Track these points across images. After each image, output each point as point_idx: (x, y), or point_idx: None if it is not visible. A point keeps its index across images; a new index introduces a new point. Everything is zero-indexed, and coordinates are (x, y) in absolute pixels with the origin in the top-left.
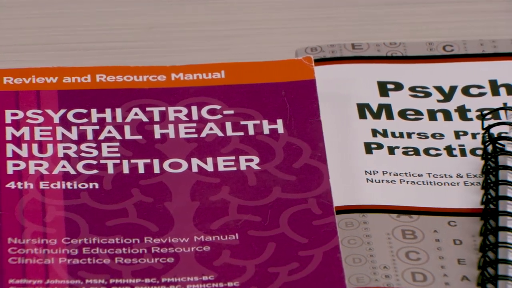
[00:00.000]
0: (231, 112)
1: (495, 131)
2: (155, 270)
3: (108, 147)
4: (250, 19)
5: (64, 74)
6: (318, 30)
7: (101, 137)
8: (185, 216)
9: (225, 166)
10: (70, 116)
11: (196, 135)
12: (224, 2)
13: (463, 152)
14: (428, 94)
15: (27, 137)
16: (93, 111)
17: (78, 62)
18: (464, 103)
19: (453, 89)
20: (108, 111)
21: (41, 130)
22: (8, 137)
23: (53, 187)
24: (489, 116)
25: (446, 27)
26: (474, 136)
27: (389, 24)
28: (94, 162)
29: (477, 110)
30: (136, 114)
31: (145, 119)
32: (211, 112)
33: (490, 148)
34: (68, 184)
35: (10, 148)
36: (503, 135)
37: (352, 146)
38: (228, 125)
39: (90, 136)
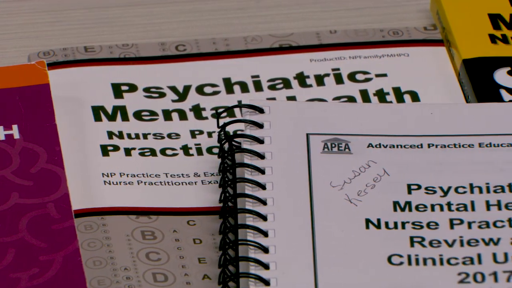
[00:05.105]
0: None
1: (230, 129)
2: None
3: None
4: None
5: None
6: (50, 34)
7: None
8: None
9: None
10: None
11: None
12: None
13: (199, 151)
14: (162, 95)
15: None
16: None
17: None
18: (199, 102)
19: (187, 88)
20: None
21: None
22: None
23: None
24: (224, 114)
25: (179, 26)
26: (210, 134)
27: (121, 26)
28: None
29: (212, 109)
30: None
31: None
32: None
33: (226, 146)
34: None
35: None
36: (239, 132)
37: (89, 149)
38: None
39: None
